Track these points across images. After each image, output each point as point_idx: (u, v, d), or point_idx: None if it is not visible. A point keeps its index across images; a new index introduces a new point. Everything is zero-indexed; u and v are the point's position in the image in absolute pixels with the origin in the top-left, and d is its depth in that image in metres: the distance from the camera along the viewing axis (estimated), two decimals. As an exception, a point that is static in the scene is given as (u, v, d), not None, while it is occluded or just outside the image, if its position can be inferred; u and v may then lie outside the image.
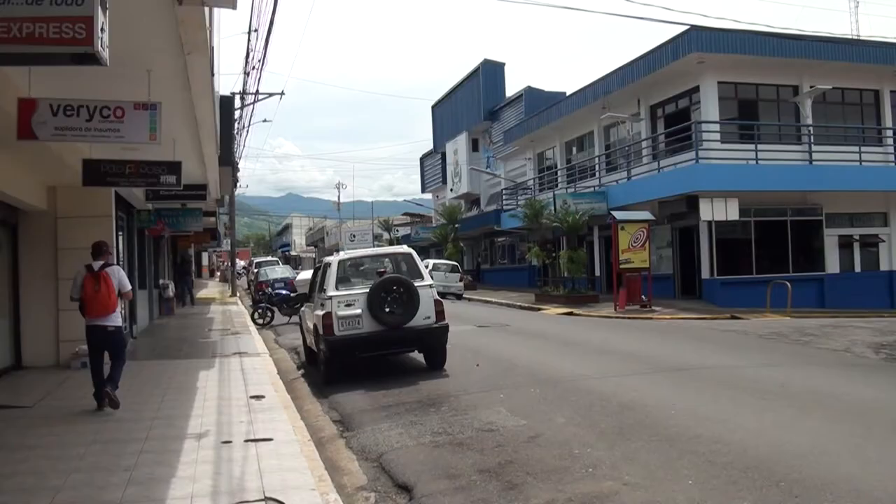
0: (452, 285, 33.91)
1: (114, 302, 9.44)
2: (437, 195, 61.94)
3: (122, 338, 10.01)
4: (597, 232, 32.36)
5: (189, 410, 9.36)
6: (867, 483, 5.62)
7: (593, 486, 5.89)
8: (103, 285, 9.31)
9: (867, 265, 27.74)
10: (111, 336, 9.57)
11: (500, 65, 51.52)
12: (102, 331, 9.46)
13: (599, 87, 31.98)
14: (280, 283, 29.62)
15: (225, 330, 19.93)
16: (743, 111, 27.37)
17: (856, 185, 25.89)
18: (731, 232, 25.26)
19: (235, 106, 29.15)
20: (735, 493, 5.54)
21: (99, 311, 9.34)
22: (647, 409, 8.41)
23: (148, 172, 10.99)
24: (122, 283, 9.62)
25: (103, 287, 9.30)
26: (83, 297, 9.34)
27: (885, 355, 12.08)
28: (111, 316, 9.47)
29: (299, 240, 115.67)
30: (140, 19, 6.63)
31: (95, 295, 9.27)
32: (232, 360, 13.95)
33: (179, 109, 9.87)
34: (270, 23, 19.32)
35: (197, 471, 6.66)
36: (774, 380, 10.08)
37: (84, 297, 9.33)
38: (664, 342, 15.11)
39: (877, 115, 28.99)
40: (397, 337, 11.70)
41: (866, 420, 7.67)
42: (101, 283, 9.31)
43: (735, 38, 25.32)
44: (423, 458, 7.05)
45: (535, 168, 41.98)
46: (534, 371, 11.42)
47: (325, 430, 8.89)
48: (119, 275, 9.66)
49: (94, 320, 9.40)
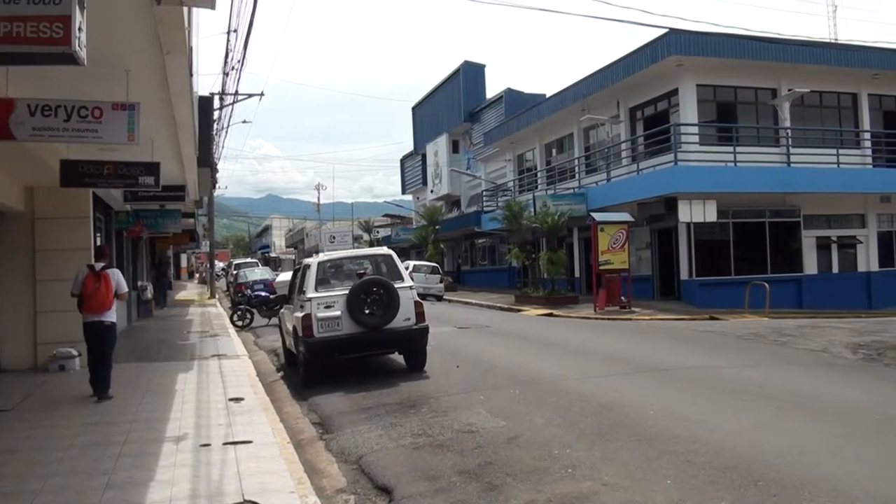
0: (433, 287, 33.91)
1: (111, 300, 10.33)
2: (418, 196, 61.92)
3: (114, 335, 10.70)
4: (576, 233, 32.45)
5: (168, 413, 9.31)
6: (845, 482, 5.66)
7: (573, 486, 5.91)
8: (103, 284, 10.21)
9: (845, 266, 27.98)
10: (107, 330, 10.39)
11: (480, 66, 51.55)
12: (100, 326, 10.30)
13: (579, 90, 32.07)
14: (259, 284, 29.46)
15: (204, 332, 19.82)
16: (721, 114, 27.53)
17: (833, 188, 26.10)
18: (710, 233, 25.40)
19: (214, 106, 29.00)
20: (713, 492, 5.58)
21: (97, 307, 10.20)
22: (627, 409, 8.45)
23: (126, 173, 10.93)
24: (119, 285, 10.51)
25: (103, 286, 10.20)
26: (83, 294, 10.18)
27: (862, 355, 12.18)
28: (108, 313, 10.35)
29: (279, 241, 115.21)
30: (118, 19, 6.59)
31: (95, 293, 10.15)
32: (211, 362, 13.88)
33: (158, 110, 9.81)
34: (250, 23, 19.25)
35: (175, 474, 6.62)
36: (753, 380, 10.14)
37: (84, 294, 10.17)
38: (643, 343, 15.17)
39: (854, 117, 29.27)
40: (377, 338, 11.68)
41: (844, 420, 7.73)
42: (101, 283, 10.21)
43: (713, 42, 25.47)
44: (403, 460, 7.04)
45: (515, 169, 42.04)
46: (514, 372, 11.43)
47: (304, 432, 8.87)
48: (117, 277, 10.59)
49: (92, 316, 10.26)
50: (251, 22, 17.21)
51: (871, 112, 29.27)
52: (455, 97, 50.83)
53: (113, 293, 10.35)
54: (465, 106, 49.22)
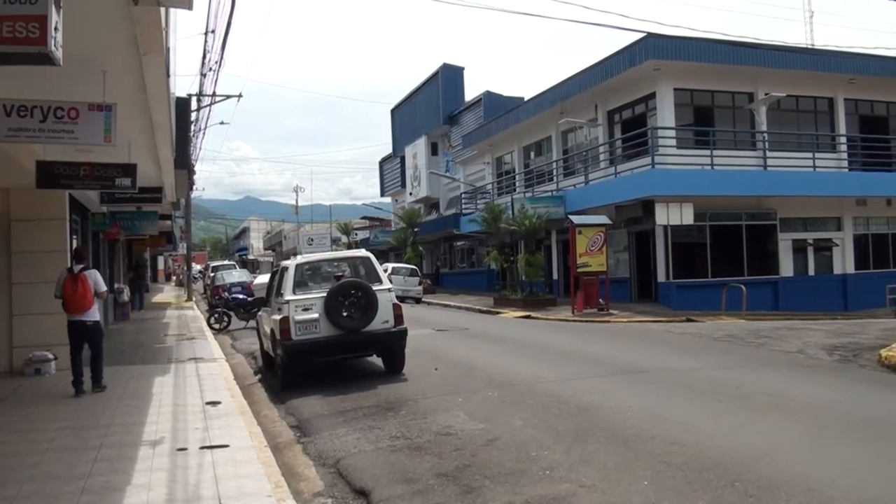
0: (411, 289, 33.91)
1: (90, 300, 10.81)
2: (397, 199, 61.88)
3: (100, 331, 11.24)
4: (554, 236, 32.54)
5: (144, 417, 9.25)
6: (821, 482, 5.71)
7: (550, 488, 5.92)
8: (80, 286, 10.70)
9: (821, 269, 28.26)
10: (90, 329, 10.94)
11: (459, 69, 51.58)
12: (82, 325, 10.85)
13: (557, 93, 32.19)
14: (237, 287, 29.32)
15: (181, 335, 19.70)
16: (699, 117, 27.74)
17: (810, 191, 26.35)
18: (687, 236, 25.57)
19: (192, 108, 28.84)
20: (690, 493, 5.60)
21: (76, 308, 10.72)
22: (604, 411, 8.48)
23: (102, 175, 10.87)
24: (97, 284, 11.01)
25: (80, 287, 10.69)
26: (64, 296, 10.69)
27: (838, 357, 12.28)
28: (88, 312, 10.86)
29: (257, 243, 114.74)
30: (95, 19, 6.54)
31: (74, 294, 10.66)
32: (188, 365, 13.81)
33: (135, 111, 9.74)
34: (228, 24, 19.18)
35: (152, 478, 6.58)
36: (729, 381, 10.20)
37: (65, 296, 10.68)
38: (621, 345, 15.23)
39: (831, 122, 29.58)
40: (355, 341, 11.66)
41: (820, 420, 7.79)
42: (78, 284, 10.70)
43: (691, 46, 25.64)
44: (381, 463, 7.03)
45: (493, 172, 42.11)
46: (492, 374, 11.44)
47: (282, 435, 8.83)
48: (95, 277, 11.07)
49: (74, 316, 10.81)
50: (229, 23, 17.15)
51: (847, 116, 29.62)
52: (434, 100, 50.83)
53: (92, 293, 10.82)
54: (444, 108, 49.24)
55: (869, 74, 28.40)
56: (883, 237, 29.61)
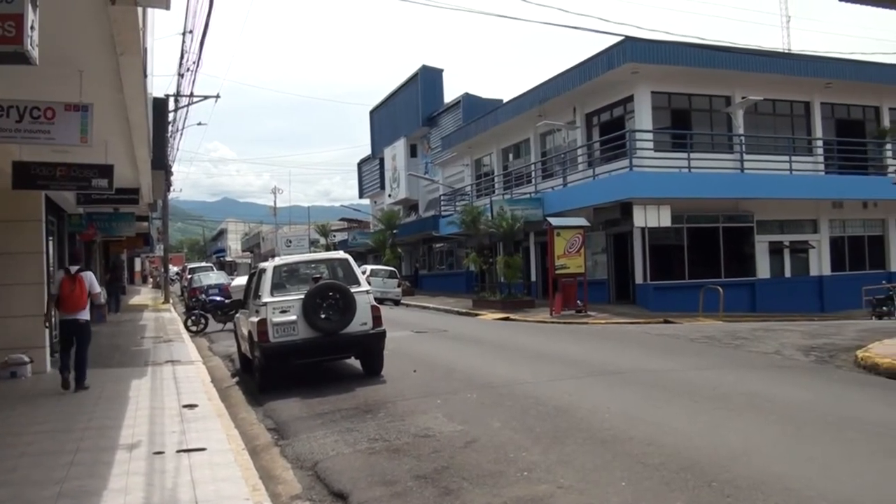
0: (390, 291, 33.88)
1: (85, 300, 11.39)
2: (375, 201, 61.83)
3: (89, 330, 11.75)
4: (533, 238, 32.62)
5: (121, 420, 9.18)
6: (797, 481, 5.75)
7: (528, 489, 5.93)
8: (78, 286, 11.23)
9: (797, 270, 28.53)
10: (82, 327, 11.44)
11: (438, 71, 51.61)
12: (75, 323, 11.34)
13: (536, 95, 32.28)
14: (214, 289, 29.19)
15: (158, 337, 19.58)
16: (676, 120, 27.93)
17: (786, 194, 26.60)
18: (665, 238, 25.73)
19: (169, 108, 28.69)
20: (668, 493, 5.63)
21: (72, 307, 11.23)
22: (582, 412, 8.50)
23: (79, 176, 10.82)
24: (92, 286, 11.57)
25: (77, 288, 11.22)
26: (60, 295, 11.19)
27: (814, 357, 12.38)
28: (82, 311, 11.40)
29: (234, 245, 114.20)
30: (72, 18, 6.50)
31: (71, 294, 11.17)
32: (165, 368, 13.72)
33: (111, 111, 9.68)
34: (206, 24, 19.09)
35: (129, 483, 6.53)
36: (706, 382, 10.25)
37: (61, 295, 11.18)
38: (599, 346, 15.29)
39: (807, 125, 29.89)
40: (334, 343, 11.62)
41: (796, 421, 7.84)
42: (76, 284, 11.22)
43: (669, 50, 25.81)
44: (359, 465, 7.01)
45: (472, 174, 42.17)
46: (471, 376, 11.45)
47: (259, 438, 8.79)
48: (90, 278, 11.60)
49: (68, 315, 11.30)
50: (207, 23, 17.06)
51: (824, 120, 29.96)
52: (413, 101, 50.83)
53: (87, 293, 11.38)
54: (423, 110, 49.25)
55: (845, 79, 28.73)
56: (859, 239, 29.95)
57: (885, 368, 10.60)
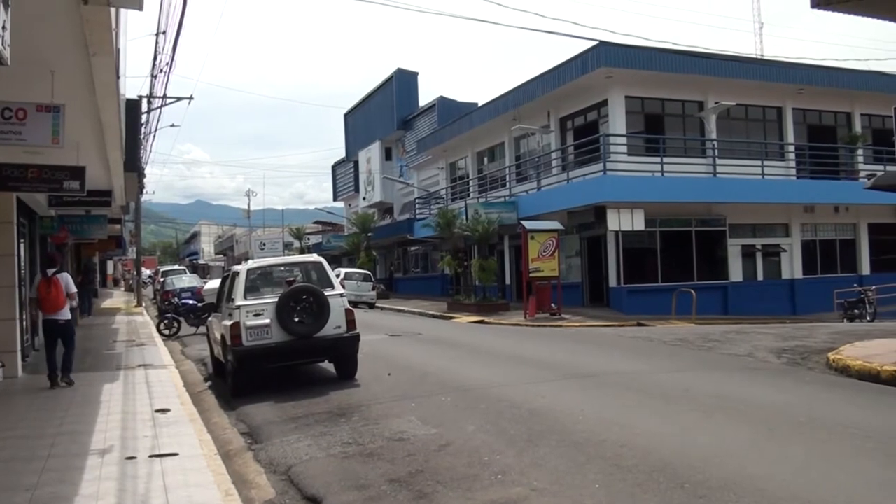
0: (365, 294, 33.81)
1: (62, 301, 11.96)
2: (350, 204, 61.69)
3: (72, 328, 12.43)
4: (507, 241, 32.70)
5: (93, 426, 9.10)
6: (769, 482, 5.79)
7: (502, 492, 5.94)
8: (54, 288, 11.84)
9: (769, 274, 28.80)
10: (62, 327, 12.05)
11: (413, 74, 51.57)
12: (55, 323, 11.99)
13: (510, 99, 32.38)
14: (187, 292, 29.00)
15: (130, 341, 19.41)
16: (649, 125, 28.11)
17: (758, 198, 26.86)
18: (638, 242, 25.88)
19: (142, 109, 28.51)
20: (641, 495, 5.66)
21: (50, 308, 11.90)
22: (556, 414, 8.52)
23: (51, 177, 10.73)
24: (68, 287, 12.17)
25: (54, 289, 11.83)
26: (39, 297, 11.89)
27: (786, 360, 12.48)
28: (61, 311, 11.99)
29: (208, 248, 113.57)
30: (44, 18, 6.44)
31: (48, 295, 11.81)
32: (137, 372, 13.61)
33: (84, 112, 9.60)
34: (179, 25, 18.93)
35: (101, 488, 6.47)
36: (679, 385, 10.31)
37: (40, 297, 11.89)
38: (573, 349, 15.33)
39: (779, 130, 30.21)
40: (307, 347, 11.57)
41: (768, 422, 7.90)
42: (52, 286, 11.84)
43: (642, 55, 25.97)
44: (333, 470, 6.99)
45: (447, 177, 42.22)
46: (445, 379, 11.44)
47: (232, 443, 8.74)
48: (66, 280, 12.19)
49: (49, 315, 11.97)
50: (180, 24, 16.94)
51: (796, 125, 30.31)
52: (388, 104, 50.77)
53: (64, 294, 11.98)
54: (398, 113, 49.21)
55: (817, 85, 29.09)
56: (830, 243, 30.30)
57: (856, 370, 10.72)
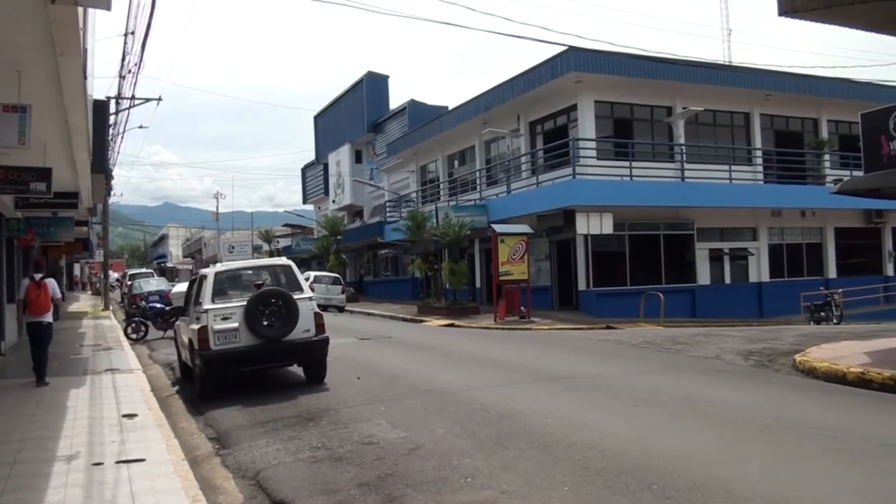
0: (334, 297, 33.69)
1: (49, 304, 12.53)
2: (320, 206, 61.50)
3: (50, 332, 12.90)
4: (477, 244, 32.77)
5: (59, 431, 8.99)
6: (737, 483, 5.85)
7: (472, 495, 5.95)
8: (42, 292, 12.38)
9: (737, 277, 29.12)
10: (45, 329, 12.60)
11: (383, 77, 51.53)
12: (40, 325, 12.50)
13: (481, 103, 32.46)
14: (155, 296, 28.72)
15: (97, 345, 19.20)
16: (618, 129, 28.33)
17: (726, 202, 27.14)
18: (607, 245, 26.04)
19: (110, 111, 28.23)
20: (610, 497, 5.70)
21: (37, 310, 12.39)
22: (525, 417, 8.55)
23: (17, 179, 10.64)
24: (54, 291, 12.75)
25: (42, 293, 12.37)
26: (26, 300, 12.35)
27: (753, 362, 12.61)
28: (46, 314, 12.51)
29: (176, 251, 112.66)
30: (10, 17, 6.38)
31: (36, 299, 12.32)
32: (104, 377, 13.46)
33: (51, 113, 9.51)
34: (148, 26, 18.84)
35: (67, 495, 6.40)
36: (647, 387, 10.38)
37: (27, 300, 12.35)
38: (542, 352, 15.38)
39: (747, 135, 30.57)
40: (276, 350, 11.51)
41: (736, 424, 7.98)
42: (41, 290, 12.37)
43: (611, 60, 26.17)
44: (302, 474, 6.96)
45: (418, 181, 42.23)
46: (415, 383, 11.44)
47: (200, 448, 8.67)
48: (53, 285, 12.79)
49: (34, 318, 12.44)
50: (149, 25, 16.86)
51: (763, 131, 30.71)
52: (358, 107, 50.69)
53: (50, 298, 12.51)
54: (369, 116, 49.15)
55: (784, 91, 29.48)
56: (797, 247, 30.71)
57: (822, 372, 10.86)
